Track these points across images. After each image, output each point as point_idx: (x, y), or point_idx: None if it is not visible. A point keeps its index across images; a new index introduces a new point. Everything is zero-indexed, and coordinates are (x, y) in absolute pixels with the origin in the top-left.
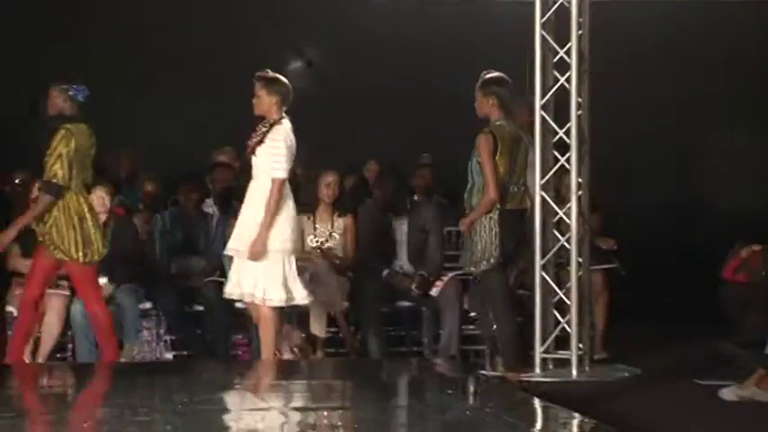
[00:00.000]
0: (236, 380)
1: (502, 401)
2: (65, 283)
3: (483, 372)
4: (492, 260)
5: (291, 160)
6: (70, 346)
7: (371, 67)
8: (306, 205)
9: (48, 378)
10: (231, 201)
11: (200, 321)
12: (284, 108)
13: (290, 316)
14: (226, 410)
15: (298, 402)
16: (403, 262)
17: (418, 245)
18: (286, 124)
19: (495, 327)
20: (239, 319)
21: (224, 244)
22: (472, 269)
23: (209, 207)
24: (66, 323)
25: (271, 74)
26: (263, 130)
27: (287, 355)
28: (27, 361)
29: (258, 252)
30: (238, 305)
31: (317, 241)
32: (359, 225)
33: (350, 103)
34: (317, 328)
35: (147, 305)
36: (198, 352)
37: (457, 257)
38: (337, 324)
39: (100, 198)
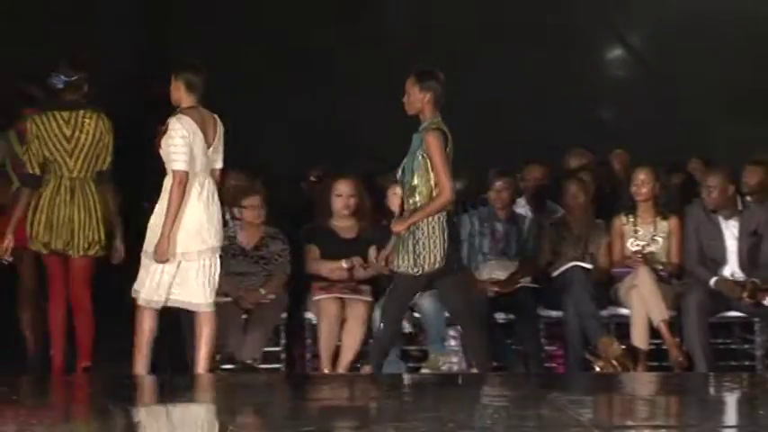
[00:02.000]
0: (550, 393)
1: None
2: (367, 288)
3: None
4: (439, 263)
5: (199, 152)
6: None
7: (701, 55)
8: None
9: (346, 390)
10: (545, 200)
11: (511, 330)
12: (195, 94)
13: (609, 327)
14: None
15: (616, 420)
16: (733, 268)
17: (750, 249)
18: (190, 113)
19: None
20: (553, 328)
21: (538, 247)
22: (414, 271)
23: (521, 207)
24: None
25: (183, 61)
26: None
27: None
28: (327, 371)
29: (162, 253)
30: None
31: (638, 245)
32: (684, 227)
33: (683, 93)
34: (639, 339)
35: None
36: (509, 364)
37: None
38: (660, 335)
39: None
